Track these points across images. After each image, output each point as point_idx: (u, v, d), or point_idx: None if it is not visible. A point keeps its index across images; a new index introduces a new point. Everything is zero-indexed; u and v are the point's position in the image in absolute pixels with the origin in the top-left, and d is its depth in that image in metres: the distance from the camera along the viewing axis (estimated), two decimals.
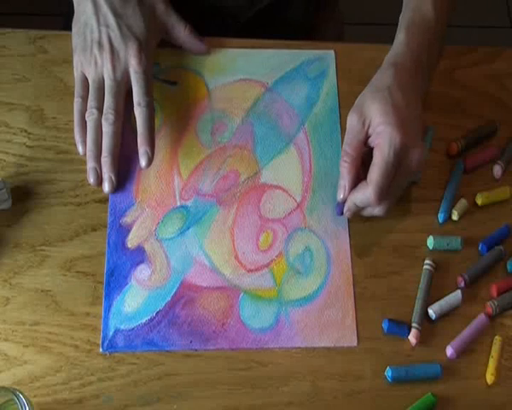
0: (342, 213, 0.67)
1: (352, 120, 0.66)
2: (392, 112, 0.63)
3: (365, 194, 0.64)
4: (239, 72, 0.75)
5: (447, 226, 0.71)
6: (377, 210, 0.66)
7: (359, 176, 0.66)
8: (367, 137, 0.65)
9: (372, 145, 0.65)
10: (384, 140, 0.63)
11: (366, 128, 0.65)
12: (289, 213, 0.69)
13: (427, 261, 0.68)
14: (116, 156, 0.67)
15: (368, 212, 0.67)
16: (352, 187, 0.65)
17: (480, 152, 0.74)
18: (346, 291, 0.67)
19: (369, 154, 0.65)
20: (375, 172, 0.63)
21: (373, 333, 0.66)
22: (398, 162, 0.63)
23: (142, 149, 0.66)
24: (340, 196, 0.66)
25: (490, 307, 0.67)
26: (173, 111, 0.72)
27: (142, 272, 0.65)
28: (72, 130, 0.68)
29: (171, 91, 0.73)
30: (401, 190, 0.67)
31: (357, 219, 0.70)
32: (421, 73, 0.68)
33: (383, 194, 0.64)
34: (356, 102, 0.67)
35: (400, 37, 0.68)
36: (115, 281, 0.64)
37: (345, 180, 0.66)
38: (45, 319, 0.62)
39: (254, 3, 0.84)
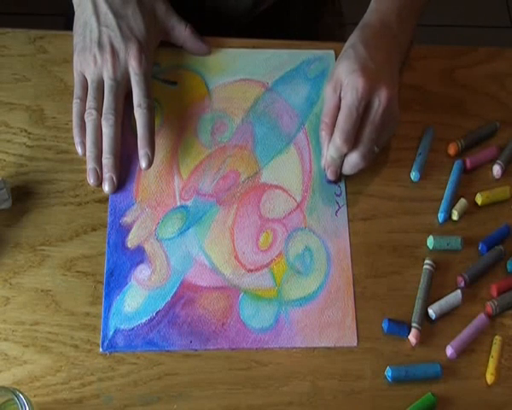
0: (331, 181, 0.70)
1: (326, 91, 0.68)
2: (355, 64, 0.65)
3: (333, 142, 0.66)
4: (239, 72, 0.75)
5: (447, 226, 0.71)
6: (354, 157, 0.67)
7: None
8: (340, 100, 0.67)
9: None
10: (348, 88, 0.65)
11: (338, 92, 0.67)
12: (289, 213, 0.69)
13: (427, 261, 0.68)
14: (118, 157, 0.67)
15: (347, 164, 0.68)
16: None
17: (480, 152, 0.74)
18: (346, 291, 0.67)
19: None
20: (340, 116, 0.65)
21: (373, 333, 0.66)
22: (363, 105, 0.64)
23: (142, 151, 0.66)
24: (322, 162, 0.69)
25: (490, 307, 0.67)
26: (173, 111, 0.72)
27: (142, 272, 0.65)
28: (72, 130, 0.68)
29: (171, 91, 0.73)
30: (375, 137, 0.67)
31: (357, 218, 0.70)
32: (390, 34, 0.70)
33: (348, 137, 0.65)
34: (330, 73, 0.70)
35: (371, 4, 0.71)
36: (115, 281, 0.64)
37: (324, 148, 0.69)
38: (45, 318, 0.62)
39: (255, 8, 0.84)
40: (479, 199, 0.72)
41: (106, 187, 0.67)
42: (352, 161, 0.67)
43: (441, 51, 0.80)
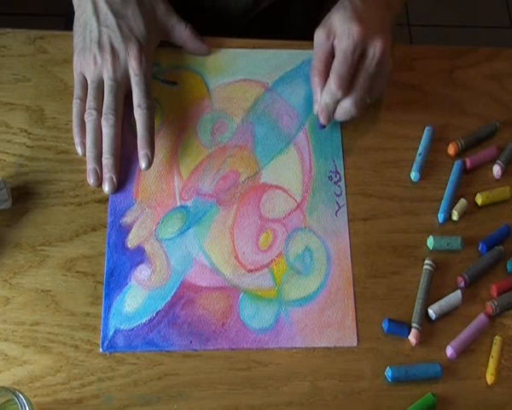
0: (322, 126, 0.70)
1: (317, 36, 0.69)
2: (351, 12, 0.66)
3: (328, 87, 0.66)
4: (239, 72, 0.75)
5: (447, 226, 0.71)
6: (347, 103, 0.67)
7: None
8: (333, 48, 0.67)
9: None
10: (343, 35, 0.65)
11: (331, 40, 0.67)
12: (289, 213, 0.69)
13: (427, 261, 0.68)
14: (118, 157, 0.67)
15: (340, 110, 0.68)
16: None
17: (480, 152, 0.74)
18: (346, 291, 0.67)
19: None
20: (335, 61, 0.66)
21: (373, 333, 0.66)
22: (358, 52, 0.65)
23: (142, 151, 0.66)
24: (315, 108, 0.69)
25: (490, 307, 0.67)
26: (173, 111, 0.72)
27: (142, 273, 0.65)
28: (72, 130, 0.68)
29: (171, 91, 0.73)
30: (369, 85, 0.67)
31: (358, 218, 0.70)
32: None
33: (343, 82, 0.65)
34: (322, 21, 0.70)
35: None
36: (115, 281, 0.64)
37: (316, 94, 0.69)
38: (45, 319, 0.62)
39: (256, 6, 0.84)
40: (479, 199, 0.72)
41: (106, 187, 0.67)
42: (345, 107, 0.68)
43: (441, 51, 0.80)
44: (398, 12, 0.76)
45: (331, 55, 0.67)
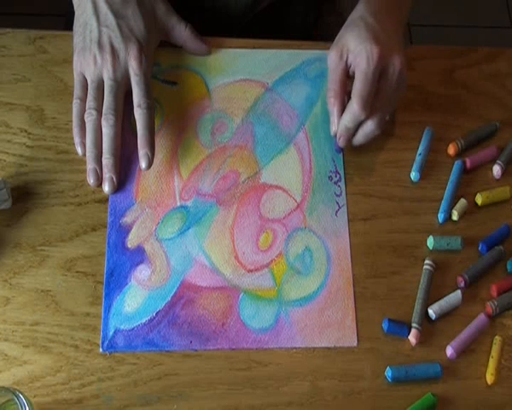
0: (340, 149, 0.70)
1: (331, 56, 0.68)
2: (366, 32, 0.66)
3: (350, 109, 0.66)
4: (239, 72, 0.75)
5: (447, 226, 0.71)
6: (369, 125, 0.67)
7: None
8: (347, 67, 0.67)
9: (354, 70, 0.67)
10: (361, 55, 0.65)
11: (345, 59, 0.67)
12: (289, 214, 0.69)
13: (427, 261, 0.68)
14: (118, 157, 0.67)
15: (361, 132, 0.68)
16: (340, 117, 0.68)
17: (480, 152, 0.74)
18: (346, 291, 0.67)
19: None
20: (356, 83, 0.65)
21: (373, 333, 0.66)
22: (378, 73, 0.65)
23: (142, 151, 0.66)
24: (332, 129, 0.69)
25: (490, 307, 0.67)
26: (173, 111, 0.72)
27: (141, 273, 0.65)
28: (72, 130, 0.68)
29: (171, 91, 0.73)
30: (389, 103, 0.68)
31: (357, 218, 0.70)
32: (394, 4, 0.71)
33: (367, 103, 0.65)
34: (334, 41, 0.69)
35: None
36: (115, 281, 0.64)
37: (333, 115, 0.68)
38: (45, 319, 0.62)
39: (256, 5, 0.84)
40: (479, 199, 0.72)
41: (106, 187, 0.67)
42: (368, 129, 0.67)
43: (441, 51, 0.80)
44: (407, 15, 0.76)
45: (346, 75, 0.68)
